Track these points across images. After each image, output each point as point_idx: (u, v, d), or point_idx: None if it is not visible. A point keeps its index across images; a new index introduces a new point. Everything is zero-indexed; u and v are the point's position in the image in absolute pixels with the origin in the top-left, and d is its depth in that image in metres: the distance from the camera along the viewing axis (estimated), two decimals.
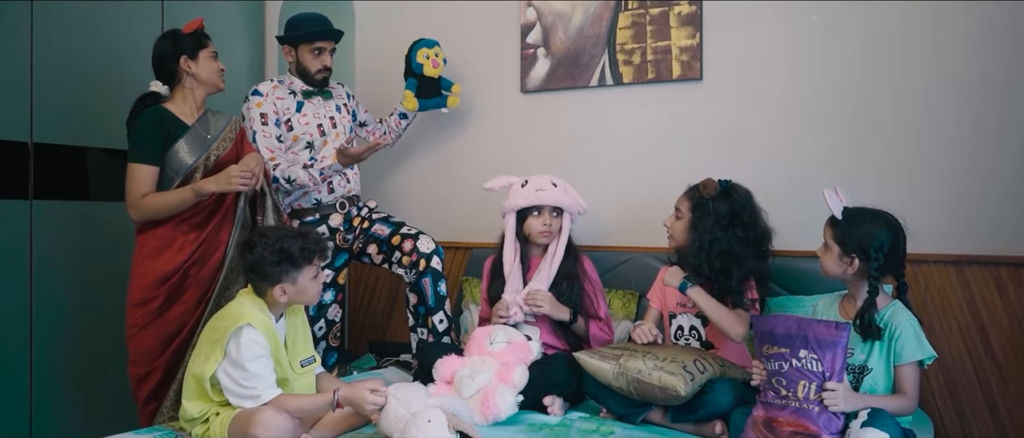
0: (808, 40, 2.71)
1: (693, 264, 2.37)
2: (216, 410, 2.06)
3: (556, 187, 2.65)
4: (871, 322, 1.96)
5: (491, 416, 2.21)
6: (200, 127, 2.61)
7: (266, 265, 2.08)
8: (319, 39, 2.90)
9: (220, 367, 2.02)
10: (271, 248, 2.07)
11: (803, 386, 1.87)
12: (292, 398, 2.06)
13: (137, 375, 2.55)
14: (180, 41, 2.61)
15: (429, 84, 3.10)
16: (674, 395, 2.08)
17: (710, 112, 2.87)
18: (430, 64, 3.07)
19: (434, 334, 2.85)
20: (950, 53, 2.52)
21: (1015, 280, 2.41)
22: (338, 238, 2.96)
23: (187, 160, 2.54)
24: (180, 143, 2.54)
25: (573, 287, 2.62)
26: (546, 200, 2.64)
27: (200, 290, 2.55)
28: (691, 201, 2.42)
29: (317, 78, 2.93)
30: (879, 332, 1.97)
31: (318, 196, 2.92)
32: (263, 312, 2.09)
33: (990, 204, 2.48)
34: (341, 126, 3.00)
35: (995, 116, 2.47)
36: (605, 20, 3.03)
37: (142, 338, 2.52)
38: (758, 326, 2.00)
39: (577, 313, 2.61)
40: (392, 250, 2.92)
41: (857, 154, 2.65)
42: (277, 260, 2.08)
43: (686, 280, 2.33)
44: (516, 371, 2.31)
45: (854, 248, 2.01)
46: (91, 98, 3.10)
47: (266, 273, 2.09)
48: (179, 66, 2.60)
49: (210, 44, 2.66)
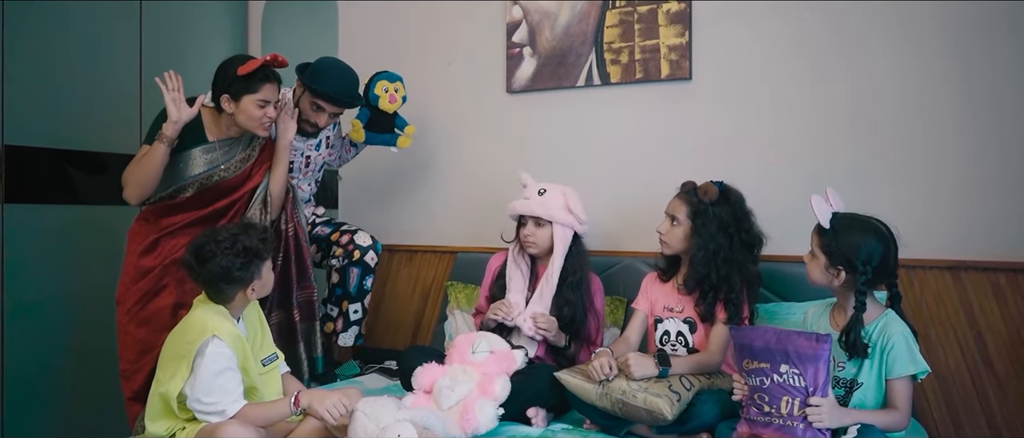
0: (799, 39, 2.64)
1: (700, 273, 2.29)
2: (182, 425, 1.99)
3: (542, 195, 2.56)
4: (857, 340, 1.88)
5: (470, 429, 2.14)
6: (218, 147, 2.56)
7: (235, 269, 2.02)
8: (321, 99, 2.74)
9: (186, 383, 1.95)
10: (233, 251, 2.01)
11: (786, 402, 1.79)
12: (255, 408, 2.01)
13: (123, 372, 2.52)
14: (231, 77, 2.45)
15: (382, 118, 2.94)
16: (660, 417, 2.02)
17: (699, 112, 2.80)
18: (387, 98, 2.89)
19: (344, 320, 2.91)
20: (947, 54, 2.45)
21: (1014, 286, 2.34)
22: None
23: (194, 170, 2.52)
24: (195, 151, 2.52)
25: (574, 313, 2.51)
26: (518, 209, 2.57)
27: (174, 297, 2.50)
28: (690, 207, 2.33)
29: (306, 129, 2.81)
30: (865, 350, 1.88)
31: None
32: (226, 319, 2.03)
33: (988, 208, 2.41)
34: (313, 165, 2.96)
35: (994, 118, 2.40)
36: (592, 18, 2.96)
37: (125, 336, 2.50)
38: (737, 340, 1.92)
39: (572, 340, 2.54)
40: (330, 245, 2.92)
41: (851, 156, 2.57)
42: (245, 261, 2.03)
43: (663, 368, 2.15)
44: (497, 383, 2.23)
45: (841, 260, 1.93)
46: (66, 100, 3.04)
47: (237, 278, 2.03)
48: (220, 100, 2.49)
49: (263, 88, 2.46)
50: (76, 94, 3.05)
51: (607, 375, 2.12)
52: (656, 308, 2.43)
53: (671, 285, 2.42)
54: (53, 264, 3.03)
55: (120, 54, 2.60)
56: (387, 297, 3.35)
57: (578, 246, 2.59)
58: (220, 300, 2.06)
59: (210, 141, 2.55)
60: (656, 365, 2.14)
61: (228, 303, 2.06)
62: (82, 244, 3.08)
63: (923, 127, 2.48)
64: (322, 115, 2.77)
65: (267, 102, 2.48)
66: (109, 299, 2.58)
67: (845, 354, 1.92)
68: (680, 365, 2.18)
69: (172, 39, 3.35)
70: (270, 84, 2.49)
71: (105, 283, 2.69)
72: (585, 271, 2.57)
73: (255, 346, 2.15)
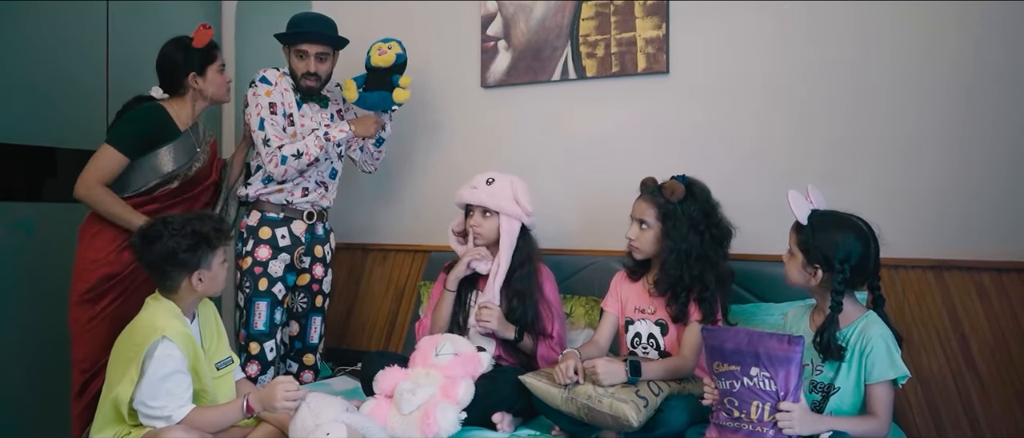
0: (779, 32, 2.57)
1: (673, 276, 2.22)
2: (128, 430, 1.92)
3: (490, 185, 2.49)
4: (831, 341, 1.80)
5: (431, 434, 2.07)
6: (191, 135, 2.61)
7: (180, 252, 1.95)
8: (298, 42, 2.74)
9: (136, 386, 1.87)
10: (182, 233, 1.95)
11: (756, 407, 1.71)
12: (202, 412, 1.93)
13: (80, 380, 2.48)
14: (190, 55, 2.56)
15: (378, 77, 2.83)
16: (626, 424, 1.95)
17: (677, 107, 2.73)
18: (376, 52, 2.81)
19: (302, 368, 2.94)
20: (933, 52, 2.38)
21: (998, 286, 2.27)
22: (295, 254, 2.81)
23: (169, 166, 2.55)
24: (166, 148, 2.55)
25: (525, 305, 2.44)
26: (465, 197, 2.52)
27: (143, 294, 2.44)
28: (657, 209, 2.25)
29: (302, 84, 2.77)
30: (840, 352, 1.81)
31: (289, 198, 2.79)
32: (177, 319, 1.96)
33: (972, 206, 2.34)
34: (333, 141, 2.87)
35: (978, 116, 2.34)
36: (568, 11, 2.88)
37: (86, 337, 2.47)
38: (707, 341, 1.84)
39: (523, 331, 2.45)
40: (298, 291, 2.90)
41: (830, 153, 2.51)
42: (192, 244, 1.96)
43: (632, 376, 2.05)
44: (461, 386, 2.16)
45: (818, 258, 1.86)
46: (33, 97, 2.96)
47: (181, 260, 1.96)
48: (187, 80, 2.57)
49: (219, 56, 2.61)
50: (44, 92, 2.97)
51: (571, 379, 2.04)
52: (627, 309, 2.36)
53: (641, 285, 2.34)
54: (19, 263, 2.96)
55: (86, 53, 2.58)
56: (360, 297, 3.28)
57: (527, 239, 2.51)
58: (167, 288, 1.99)
59: (182, 131, 2.59)
60: (626, 372, 2.05)
61: (174, 293, 1.99)
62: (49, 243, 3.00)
63: (904, 124, 2.42)
64: (309, 60, 2.74)
65: (224, 65, 2.65)
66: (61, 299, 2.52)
67: (820, 356, 1.84)
68: (651, 371, 2.10)
69: (141, 39, 3.28)
70: (218, 49, 2.64)
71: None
72: (534, 263, 2.50)
73: (210, 349, 2.07)
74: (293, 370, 2.94)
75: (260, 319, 2.73)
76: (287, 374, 2.88)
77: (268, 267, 2.74)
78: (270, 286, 2.74)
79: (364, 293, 3.28)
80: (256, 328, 2.72)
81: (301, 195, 2.80)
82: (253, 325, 2.72)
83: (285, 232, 2.79)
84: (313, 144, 2.69)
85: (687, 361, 2.17)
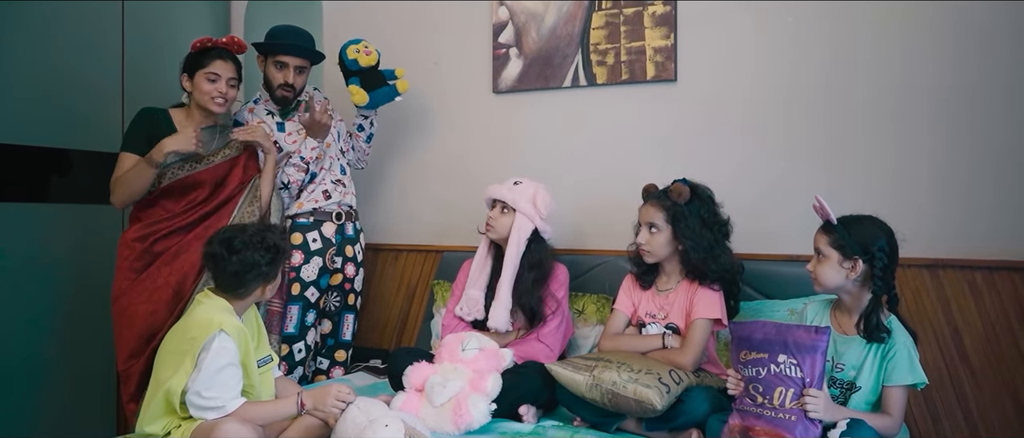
0: (783, 41, 2.69)
1: (698, 270, 2.33)
2: (178, 423, 1.97)
3: (516, 185, 2.62)
4: (879, 323, 1.92)
5: (464, 425, 2.16)
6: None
7: (264, 265, 2.02)
8: (279, 53, 2.80)
9: (190, 378, 1.93)
10: (260, 246, 2.01)
11: (779, 393, 1.83)
12: (256, 406, 2.00)
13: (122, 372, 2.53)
14: (186, 59, 2.59)
15: (372, 76, 2.94)
16: (650, 408, 2.04)
17: (685, 113, 2.84)
18: (363, 54, 2.88)
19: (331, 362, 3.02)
20: (926, 57, 2.50)
21: (989, 284, 2.40)
22: (327, 256, 2.88)
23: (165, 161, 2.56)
24: None
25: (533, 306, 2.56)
26: (492, 191, 2.64)
27: (172, 290, 2.50)
28: (666, 212, 2.35)
29: (277, 94, 2.83)
30: (886, 333, 1.93)
31: (314, 205, 2.87)
32: (232, 315, 2.02)
33: (965, 207, 2.47)
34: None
35: (970, 119, 2.46)
36: (578, 20, 2.99)
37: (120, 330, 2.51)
38: (736, 332, 1.95)
39: None
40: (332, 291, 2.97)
41: (832, 157, 2.63)
42: (272, 257, 2.03)
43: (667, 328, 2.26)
44: (489, 379, 2.26)
45: (857, 250, 1.95)
46: (48, 98, 3.00)
47: (263, 272, 2.03)
48: (181, 82, 2.61)
49: (214, 63, 2.56)
50: (59, 93, 3.01)
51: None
52: (639, 312, 2.46)
53: (652, 291, 2.45)
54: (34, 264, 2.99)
55: (102, 54, 2.59)
56: (373, 296, 3.35)
57: (539, 242, 2.62)
58: (237, 295, 2.04)
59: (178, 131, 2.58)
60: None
61: (243, 299, 2.05)
62: (64, 245, 3.03)
63: (903, 129, 2.53)
64: (287, 71, 2.79)
65: (218, 76, 2.56)
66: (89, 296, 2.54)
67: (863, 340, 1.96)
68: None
69: (154, 40, 3.33)
70: (223, 61, 2.58)
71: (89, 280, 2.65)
72: (545, 267, 2.61)
73: (253, 346, 2.13)
74: (323, 367, 2.99)
75: (291, 322, 2.81)
76: (317, 371, 2.96)
77: (300, 272, 2.82)
78: (302, 290, 2.82)
79: (376, 292, 3.35)
80: (286, 331, 2.80)
81: (324, 198, 2.89)
82: (284, 328, 2.79)
83: (316, 235, 2.86)
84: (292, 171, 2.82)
85: (685, 356, 2.26)
